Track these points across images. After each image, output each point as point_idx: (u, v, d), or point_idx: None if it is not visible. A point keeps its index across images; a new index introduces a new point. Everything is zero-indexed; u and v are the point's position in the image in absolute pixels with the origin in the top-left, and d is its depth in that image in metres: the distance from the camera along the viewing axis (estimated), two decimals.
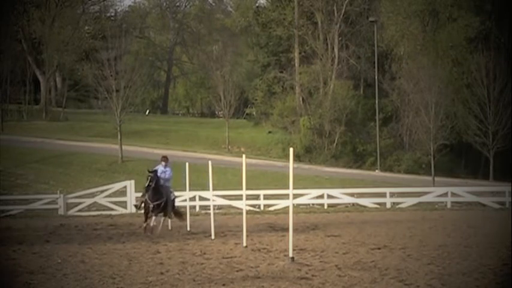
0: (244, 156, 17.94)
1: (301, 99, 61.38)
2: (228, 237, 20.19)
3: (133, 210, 36.29)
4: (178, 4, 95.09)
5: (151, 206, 22.23)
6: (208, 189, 22.29)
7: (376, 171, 53.96)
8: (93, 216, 33.54)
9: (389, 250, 16.49)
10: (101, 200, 36.99)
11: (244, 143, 60.78)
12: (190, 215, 25.45)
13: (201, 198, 35.06)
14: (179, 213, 24.32)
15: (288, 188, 15.40)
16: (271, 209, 35.69)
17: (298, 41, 62.49)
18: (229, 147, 58.88)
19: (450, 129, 51.45)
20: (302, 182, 40.03)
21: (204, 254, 16.24)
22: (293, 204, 16.33)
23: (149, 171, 22.78)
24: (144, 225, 22.52)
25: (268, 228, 23.74)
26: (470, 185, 43.21)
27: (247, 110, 73.42)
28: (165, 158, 23.42)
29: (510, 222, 22.51)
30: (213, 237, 19.78)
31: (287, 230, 15.09)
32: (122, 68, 53.41)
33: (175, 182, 27.69)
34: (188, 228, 23.28)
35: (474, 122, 52.67)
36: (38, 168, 48.89)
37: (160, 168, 22.97)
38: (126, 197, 36.89)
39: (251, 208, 33.60)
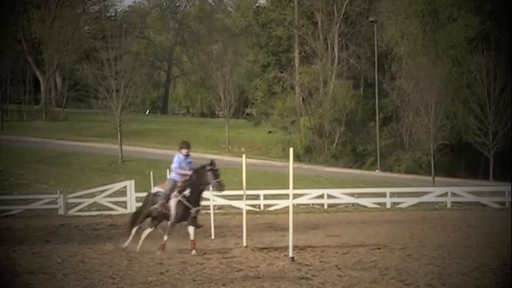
0: (244, 156, 17.94)
1: (301, 99, 61.38)
2: (228, 237, 20.18)
3: (134, 210, 36.37)
4: (178, 4, 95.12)
5: (192, 212, 17.04)
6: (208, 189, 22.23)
7: (376, 171, 53.96)
8: (93, 216, 33.53)
9: (389, 250, 16.48)
10: (101, 200, 37.00)
11: (244, 143, 60.78)
12: None
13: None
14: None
15: (288, 188, 15.40)
16: (271, 209, 35.71)
17: (298, 41, 62.50)
18: (229, 147, 58.87)
19: (450, 129, 51.47)
20: (302, 182, 40.01)
21: (204, 254, 16.24)
22: (293, 204, 16.32)
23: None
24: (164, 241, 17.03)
25: (268, 228, 23.75)
26: (470, 185, 43.21)
27: (247, 110, 73.41)
28: (186, 144, 17.86)
29: (510, 222, 22.52)
30: (213, 237, 19.78)
31: (287, 230, 15.09)
32: (122, 68, 53.38)
33: None
34: None
35: (474, 122, 52.66)
36: (38, 168, 48.88)
37: (180, 157, 17.56)
38: (126, 197, 36.90)
39: (251, 208, 33.61)
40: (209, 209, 27.50)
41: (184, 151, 17.54)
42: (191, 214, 16.88)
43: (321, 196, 37.27)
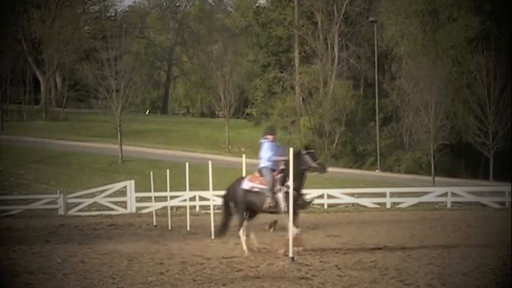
0: (244, 156, 17.94)
1: (301, 99, 61.37)
2: (228, 237, 20.18)
3: (134, 210, 36.37)
4: (178, 4, 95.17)
5: (300, 202, 16.05)
6: (208, 189, 22.26)
7: (376, 171, 53.96)
8: (93, 216, 33.55)
9: (390, 250, 16.48)
10: (101, 200, 37.03)
11: (244, 143, 60.75)
12: (190, 215, 25.44)
13: (201, 198, 35.07)
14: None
15: None
16: None
17: (298, 41, 62.49)
18: (229, 147, 58.89)
19: (450, 129, 51.51)
20: None
21: (204, 254, 16.24)
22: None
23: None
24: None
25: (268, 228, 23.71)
26: (470, 185, 43.24)
27: (247, 110, 73.43)
28: (271, 130, 17.02)
29: (510, 222, 22.51)
30: (213, 237, 19.76)
31: (287, 230, 15.09)
32: (122, 68, 53.47)
33: (176, 182, 27.72)
34: (188, 228, 23.29)
35: (474, 122, 52.67)
36: (38, 168, 48.90)
37: (269, 144, 16.50)
38: (126, 197, 36.92)
39: None
40: (209, 209, 27.51)
41: (270, 137, 16.51)
42: (298, 204, 15.88)
43: (321, 196, 37.25)
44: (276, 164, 16.20)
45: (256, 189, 16.26)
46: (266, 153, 16.31)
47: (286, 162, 15.67)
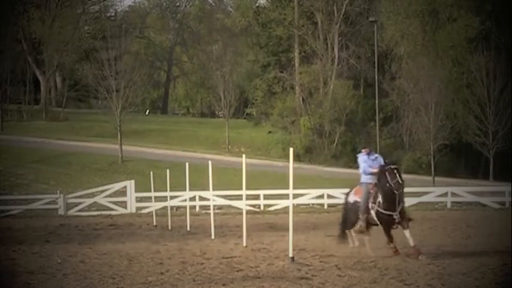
0: (244, 156, 17.96)
1: (301, 99, 61.37)
2: (228, 237, 20.19)
3: (134, 210, 36.38)
4: (178, 4, 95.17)
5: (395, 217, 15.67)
6: (208, 189, 22.27)
7: None
8: (93, 216, 33.57)
9: (389, 250, 16.48)
10: (101, 200, 37.03)
11: (244, 143, 60.77)
12: (190, 215, 25.45)
13: (201, 198, 35.08)
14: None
15: (288, 188, 15.42)
16: (271, 209, 35.72)
17: (298, 41, 62.50)
18: (229, 147, 58.87)
19: (450, 129, 51.50)
20: (302, 182, 40.02)
21: (204, 254, 16.25)
22: (293, 204, 16.34)
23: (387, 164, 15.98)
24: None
25: (268, 228, 23.76)
26: (470, 185, 43.20)
27: (247, 110, 73.44)
28: (364, 145, 17.39)
29: (510, 222, 22.51)
30: (213, 237, 19.78)
31: (287, 230, 15.10)
32: (122, 68, 53.47)
33: (176, 182, 27.73)
34: (188, 228, 23.31)
35: (474, 122, 52.65)
36: (38, 168, 48.91)
37: (363, 157, 16.46)
38: (126, 197, 36.93)
39: (251, 208, 33.60)
40: (209, 209, 27.51)
41: (364, 151, 16.51)
42: (395, 219, 15.61)
43: (321, 196, 37.27)
44: (372, 175, 16.06)
45: (358, 204, 16.22)
46: (361, 167, 16.32)
47: (378, 180, 15.69)
